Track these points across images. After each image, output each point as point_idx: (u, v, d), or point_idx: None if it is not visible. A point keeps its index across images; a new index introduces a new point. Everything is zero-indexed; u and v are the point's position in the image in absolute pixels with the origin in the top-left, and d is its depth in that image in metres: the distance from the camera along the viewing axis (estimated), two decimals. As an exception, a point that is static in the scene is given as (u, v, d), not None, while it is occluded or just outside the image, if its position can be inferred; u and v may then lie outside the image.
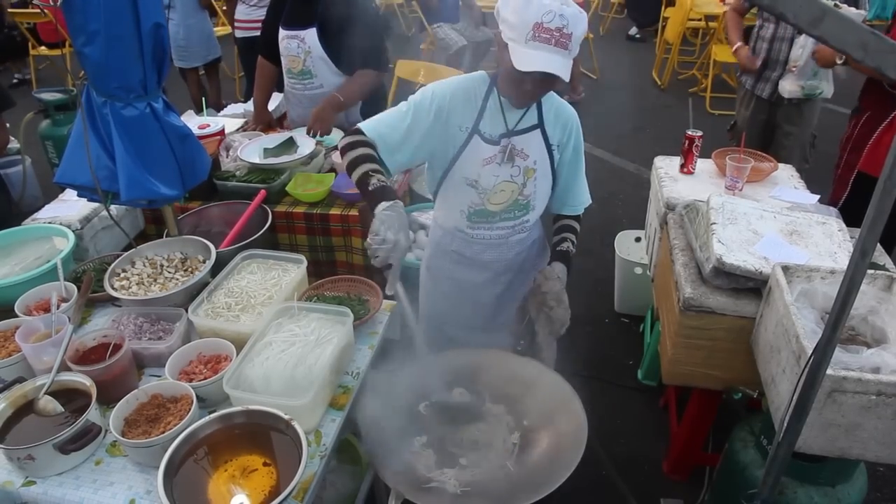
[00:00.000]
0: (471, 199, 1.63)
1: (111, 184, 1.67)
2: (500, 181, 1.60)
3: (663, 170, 2.49)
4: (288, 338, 1.49)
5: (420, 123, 1.53)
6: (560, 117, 1.62)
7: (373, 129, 1.52)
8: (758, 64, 3.15)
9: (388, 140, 1.52)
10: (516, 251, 1.77)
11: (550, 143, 1.62)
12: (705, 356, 1.86)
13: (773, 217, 1.93)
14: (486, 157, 1.57)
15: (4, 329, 1.58)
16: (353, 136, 1.51)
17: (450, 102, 1.54)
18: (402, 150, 1.54)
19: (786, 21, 0.80)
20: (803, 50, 2.94)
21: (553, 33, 1.33)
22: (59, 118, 3.46)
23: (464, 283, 1.81)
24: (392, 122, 1.53)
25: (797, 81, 3.03)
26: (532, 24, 1.32)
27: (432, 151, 1.60)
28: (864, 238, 1.01)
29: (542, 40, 1.33)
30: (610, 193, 4.31)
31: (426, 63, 4.08)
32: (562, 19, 1.32)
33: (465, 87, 1.57)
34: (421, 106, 1.53)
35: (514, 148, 1.58)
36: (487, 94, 1.56)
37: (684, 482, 2.30)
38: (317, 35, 2.58)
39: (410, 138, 1.53)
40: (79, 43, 1.54)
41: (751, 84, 3.27)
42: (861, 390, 1.34)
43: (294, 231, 2.34)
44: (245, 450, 1.28)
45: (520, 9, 1.33)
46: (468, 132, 1.56)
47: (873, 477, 2.26)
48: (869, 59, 0.79)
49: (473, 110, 1.56)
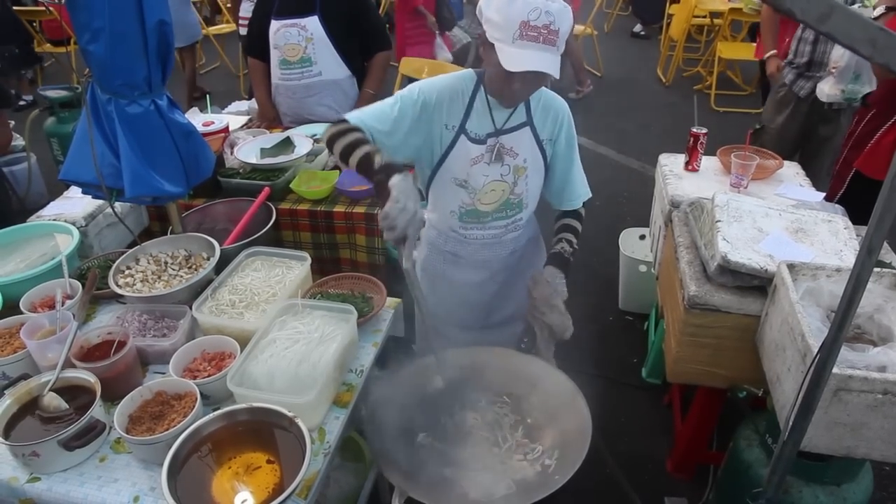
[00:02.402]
0: (461, 199, 1.62)
1: (116, 181, 1.67)
2: (489, 181, 1.59)
3: (668, 167, 2.48)
4: (292, 335, 1.49)
5: (405, 117, 1.51)
6: (549, 110, 1.60)
7: (359, 120, 1.49)
8: (786, 79, 3.01)
9: (375, 131, 1.50)
10: (511, 249, 1.76)
11: (541, 139, 1.60)
12: (710, 354, 1.85)
13: (779, 215, 1.92)
14: (473, 156, 1.56)
15: (9, 326, 1.58)
16: (340, 124, 1.48)
17: (436, 99, 1.53)
18: (389, 141, 1.51)
19: (793, 18, 0.79)
20: (846, 50, 2.79)
21: (540, 31, 1.31)
22: (64, 115, 3.47)
23: (459, 282, 1.80)
24: (378, 114, 1.52)
25: (837, 85, 2.78)
26: (518, 22, 1.30)
27: (418, 148, 1.58)
28: (871, 236, 1.00)
29: (530, 38, 1.31)
30: (614, 191, 4.29)
31: (430, 60, 4.07)
32: (548, 16, 1.30)
33: (451, 85, 1.55)
34: (407, 99, 1.52)
35: (503, 147, 1.56)
36: (474, 93, 1.55)
37: (688, 481, 2.29)
38: (319, 21, 2.63)
39: (397, 130, 1.52)
40: (83, 40, 1.53)
41: (790, 80, 3.07)
42: (867, 389, 1.34)
43: (298, 228, 2.34)
44: (249, 447, 1.28)
45: (504, 8, 1.31)
46: (454, 131, 1.55)
47: (879, 475, 2.25)
48: (878, 56, 0.78)
49: (460, 109, 1.55)
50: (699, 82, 6.32)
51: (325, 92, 2.81)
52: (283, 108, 2.94)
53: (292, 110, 2.89)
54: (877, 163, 2.59)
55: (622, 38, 8.01)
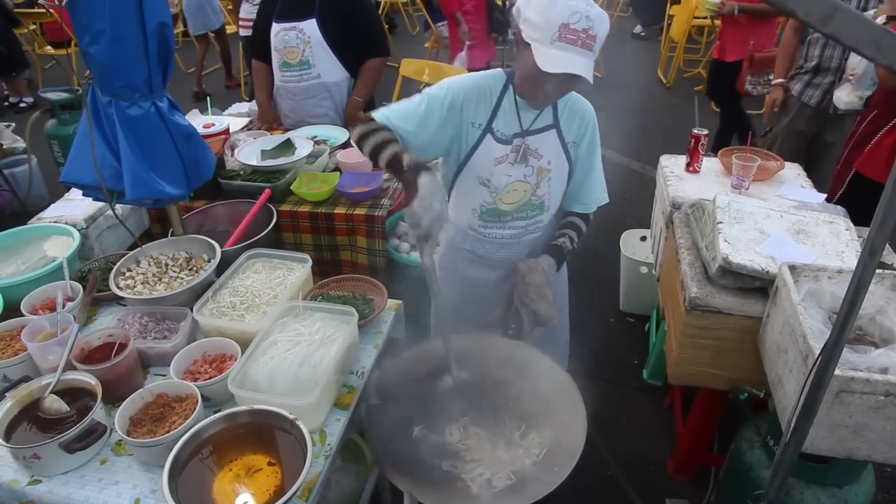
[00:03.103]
0: (483, 198, 1.63)
1: (116, 183, 1.67)
2: (512, 181, 1.60)
3: (669, 168, 2.48)
4: (293, 337, 1.49)
5: (432, 115, 1.52)
6: (576, 113, 1.61)
7: (385, 119, 1.50)
8: (793, 90, 2.99)
9: (401, 129, 1.50)
10: (529, 251, 1.77)
11: (566, 142, 1.61)
12: (711, 356, 1.85)
13: (780, 216, 1.92)
14: (498, 156, 1.57)
15: (10, 328, 1.58)
16: (368, 124, 1.50)
17: (464, 97, 1.53)
18: (415, 140, 1.52)
19: (796, 18, 0.79)
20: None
21: (579, 34, 1.31)
22: (65, 117, 3.47)
23: (475, 281, 1.81)
24: (405, 113, 1.52)
25: (855, 91, 2.76)
26: (558, 24, 1.30)
27: (444, 146, 1.59)
28: (874, 238, 1.00)
29: (568, 41, 1.31)
30: (615, 192, 4.24)
31: (430, 62, 4.07)
32: (588, 20, 1.31)
33: (479, 83, 1.55)
34: (435, 98, 1.53)
35: (528, 148, 1.57)
36: (503, 93, 1.55)
37: (690, 482, 2.29)
38: (317, 24, 2.65)
39: (423, 129, 1.52)
40: (84, 42, 1.53)
41: (798, 90, 3.04)
42: (869, 391, 1.33)
43: (299, 230, 2.34)
44: (250, 449, 1.28)
45: (544, 9, 1.31)
46: (481, 129, 1.56)
47: (881, 477, 2.25)
48: (881, 57, 0.78)
49: (487, 108, 1.55)
50: (700, 83, 6.32)
51: (324, 94, 2.82)
52: (284, 109, 2.95)
53: (293, 112, 2.90)
54: (877, 164, 2.58)
55: (623, 40, 8.01)
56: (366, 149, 1.47)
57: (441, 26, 5.63)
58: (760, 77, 3.77)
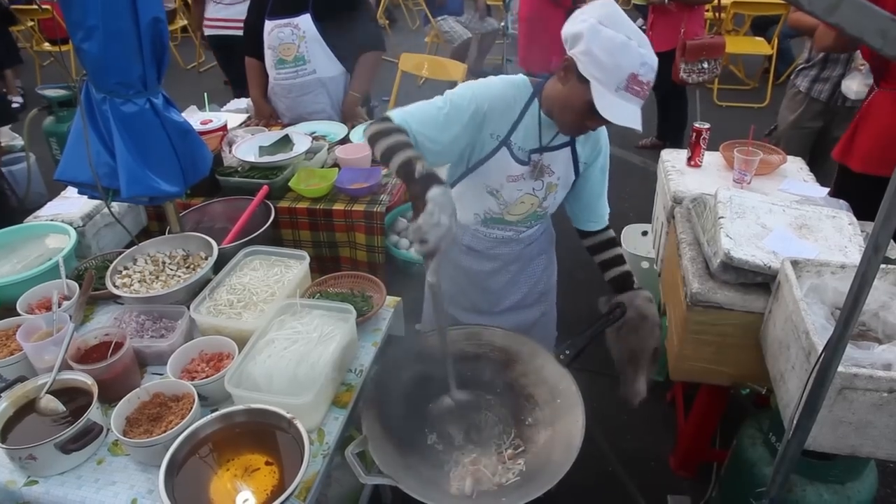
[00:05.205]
0: (489, 206, 1.62)
1: (112, 181, 1.65)
2: (522, 194, 1.58)
3: (670, 163, 2.46)
4: (290, 335, 1.48)
5: (453, 124, 1.44)
6: (591, 135, 1.57)
7: (403, 121, 1.41)
8: (801, 87, 2.91)
9: (419, 134, 1.42)
10: (526, 243, 1.77)
11: (579, 161, 1.59)
12: (713, 352, 1.84)
13: (782, 211, 1.90)
14: (513, 174, 1.54)
15: (6, 328, 1.57)
16: (383, 123, 1.41)
17: (487, 108, 1.47)
18: (432, 146, 1.44)
19: (800, 8, 0.77)
20: None
21: (644, 86, 1.28)
22: (63, 115, 3.45)
23: (472, 271, 1.80)
24: (424, 118, 1.43)
25: (865, 80, 2.65)
26: (629, 73, 1.26)
27: (459, 153, 1.53)
28: (878, 233, 0.98)
29: (633, 92, 1.28)
30: (616, 187, 4.24)
31: (430, 56, 4.05)
32: (651, 72, 1.28)
33: (504, 94, 1.49)
34: (458, 107, 1.45)
35: (543, 164, 1.55)
36: (527, 106, 1.50)
37: (691, 479, 2.28)
38: (311, 20, 2.64)
39: (442, 136, 1.44)
40: (77, 38, 1.52)
41: (806, 87, 2.94)
42: (872, 387, 1.32)
43: (297, 227, 2.32)
44: (247, 449, 1.27)
45: (616, 53, 1.25)
46: (498, 140, 1.51)
47: (883, 473, 2.24)
48: (888, 48, 0.76)
49: (509, 120, 1.50)
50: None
51: (321, 90, 2.81)
52: (280, 107, 2.93)
53: (290, 109, 2.88)
54: (856, 152, 2.51)
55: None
56: (378, 149, 1.37)
57: (441, 20, 5.60)
58: (695, 65, 3.70)
